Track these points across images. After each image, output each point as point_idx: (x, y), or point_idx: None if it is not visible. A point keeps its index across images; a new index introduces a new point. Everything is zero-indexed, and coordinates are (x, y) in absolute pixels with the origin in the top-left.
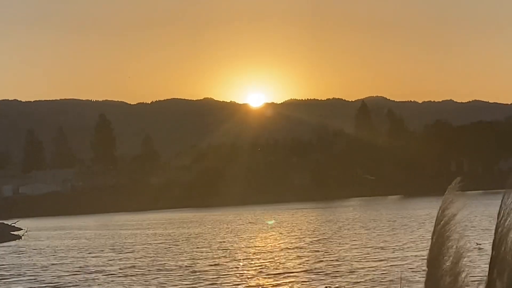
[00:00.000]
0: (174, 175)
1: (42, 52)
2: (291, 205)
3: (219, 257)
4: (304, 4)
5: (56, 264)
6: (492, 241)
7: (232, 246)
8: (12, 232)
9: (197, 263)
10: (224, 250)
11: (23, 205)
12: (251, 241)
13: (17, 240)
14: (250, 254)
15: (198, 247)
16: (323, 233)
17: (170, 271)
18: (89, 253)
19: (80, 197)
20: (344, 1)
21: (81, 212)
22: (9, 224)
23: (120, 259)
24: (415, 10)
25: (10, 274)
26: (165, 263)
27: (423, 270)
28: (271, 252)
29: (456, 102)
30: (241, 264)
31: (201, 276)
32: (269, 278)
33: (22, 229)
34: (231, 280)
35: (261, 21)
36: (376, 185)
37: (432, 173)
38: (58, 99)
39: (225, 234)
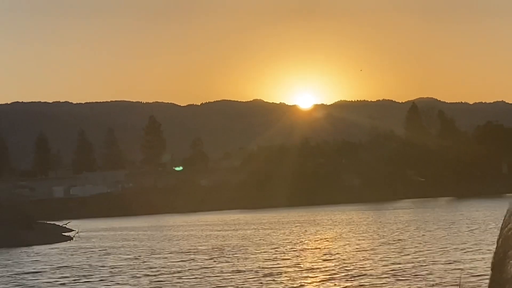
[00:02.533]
0: (223, 177)
1: (93, 54)
2: (341, 206)
3: (289, 259)
4: (353, 5)
5: (115, 266)
6: None
7: (298, 247)
8: (63, 233)
9: (269, 265)
10: (293, 251)
11: (74, 206)
12: (316, 242)
13: (68, 241)
14: (320, 256)
15: (263, 249)
16: (386, 235)
17: (243, 272)
18: (148, 254)
19: (130, 198)
20: (393, 4)
21: (132, 213)
22: (61, 225)
23: (184, 260)
24: (465, 10)
25: (65, 276)
26: (235, 265)
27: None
28: (340, 253)
29: (508, 103)
30: (314, 266)
31: (277, 278)
32: (346, 280)
33: (73, 230)
34: (308, 282)
35: (311, 21)
36: (426, 186)
37: (483, 174)
38: (109, 101)
39: (287, 235)
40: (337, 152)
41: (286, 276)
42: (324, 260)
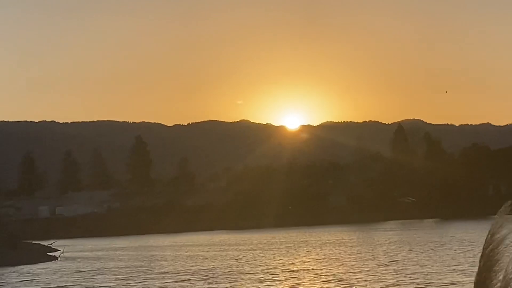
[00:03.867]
0: (210, 197)
1: (79, 74)
2: (328, 227)
3: (286, 280)
4: (339, 28)
5: (102, 286)
6: None
7: (293, 268)
8: (48, 253)
9: (267, 286)
10: (288, 273)
11: (59, 226)
12: (311, 263)
13: (53, 261)
14: (317, 277)
15: (257, 270)
16: (380, 256)
17: None
18: (135, 275)
19: (117, 218)
20: (381, 25)
21: (118, 233)
22: (46, 245)
23: (174, 281)
24: (449, 32)
25: None
26: (231, 287)
27: None
28: (337, 275)
29: (494, 125)
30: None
31: None
32: None
33: (58, 250)
34: None
35: (297, 43)
36: (412, 208)
37: (469, 196)
38: (95, 120)
39: (279, 256)
40: (324, 173)
41: None
42: (322, 281)
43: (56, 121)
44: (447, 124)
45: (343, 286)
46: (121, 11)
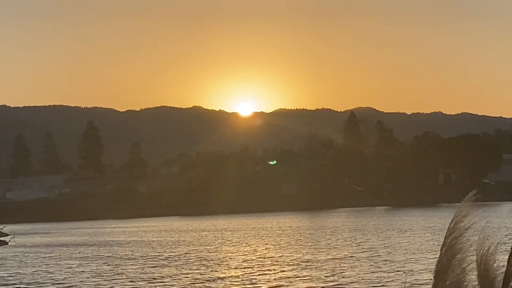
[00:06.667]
0: (162, 183)
1: (31, 58)
2: (279, 214)
3: (263, 265)
4: (293, 15)
5: (46, 271)
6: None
7: (265, 255)
8: None
9: (243, 273)
10: (262, 259)
11: (10, 211)
12: (282, 250)
13: (3, 246)
14: (297, 264)
15: (227, 256)
16: (353, 242)
17: (221, 280)
18: (81, 261)
19: (68, 203)
20: (334, 13)
21: (69, 218)
22: None
23: (119, 269)
24: (401, 21)
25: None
26: (177, 274)
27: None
28: (313, 262)
29: (445, 114)
30: (295, 274)
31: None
32: None
33: (8, 235)
34: None
35: (251, 31)
36: (363, 195)
37: (420, 184)
38: (47, 105)
39: (236, 242)
40: (276, 160)
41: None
42: (302, 269)
43: (7, 105)
44: (399, 112)
45: (327, 273)
46: None
